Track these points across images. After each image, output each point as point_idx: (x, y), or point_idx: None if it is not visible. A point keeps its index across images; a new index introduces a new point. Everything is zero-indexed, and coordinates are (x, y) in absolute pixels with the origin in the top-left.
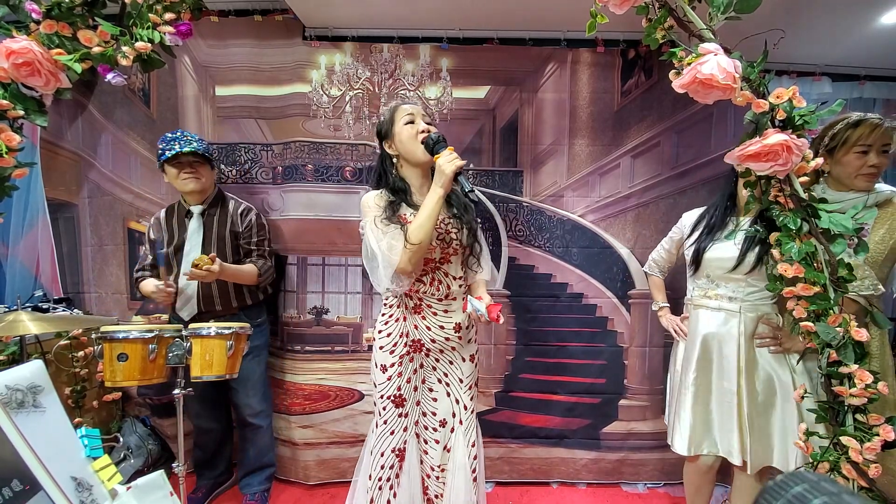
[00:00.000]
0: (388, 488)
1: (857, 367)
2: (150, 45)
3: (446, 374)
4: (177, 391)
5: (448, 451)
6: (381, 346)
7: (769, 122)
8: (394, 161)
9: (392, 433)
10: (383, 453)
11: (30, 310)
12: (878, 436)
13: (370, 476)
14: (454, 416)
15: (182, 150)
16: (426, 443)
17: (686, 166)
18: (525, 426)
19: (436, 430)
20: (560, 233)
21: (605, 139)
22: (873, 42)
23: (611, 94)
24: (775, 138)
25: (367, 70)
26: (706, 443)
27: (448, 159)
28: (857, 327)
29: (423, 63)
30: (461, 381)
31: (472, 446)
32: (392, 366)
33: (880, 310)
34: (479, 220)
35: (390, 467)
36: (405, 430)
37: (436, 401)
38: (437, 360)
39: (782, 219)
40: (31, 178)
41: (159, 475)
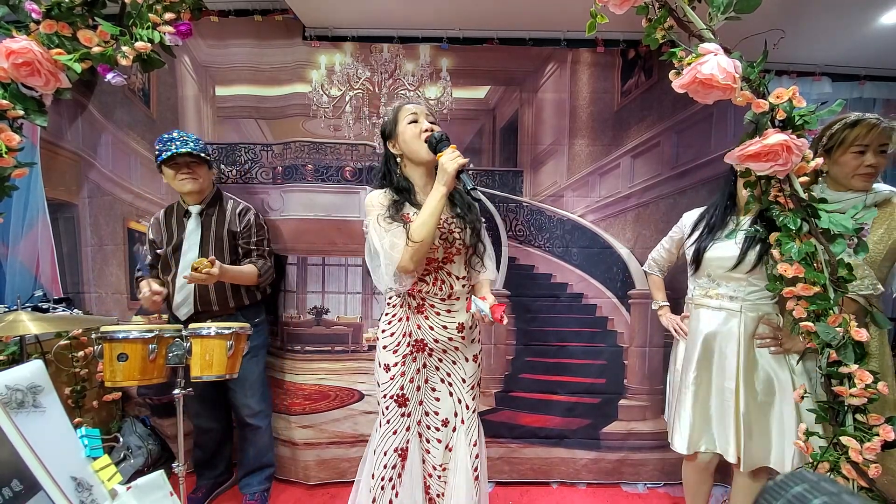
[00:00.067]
0: (391, 487)
1: (857, 367)
2: (149, 45)
3: (449, 374)
4: (177, 391)
5: (450, 451)
6: (385, 346)
7: (769, 122)
8: (398, 160)
9: (394, 432)
10: (386, 452)
11: (30, 310)
12: (877, 436)
13: (373, 475)
14: (456, 415)
15: (178, 150)
16: (428, 442)
17: (686, 166)
18: (525, 426)
19: (438, 429)
20: (560, 233)
21: (605, 139)
22: (873, 42)
23: (611, 94)
24: (775, 138)
25: (367, 70)
26: (704, 440)
27: (450, 157)
28: (857, 327)
29: (423, 63)
30: (464, 381)
31: (474, 445)
32: (395, 365)
33: (880, 309)
34: (483, 220)
35: (392, 467)
36: (408, 429)
37: (438, 400)
38: (441, 360)
39: (782, 219)
40: (31, 178)
41: (159, 475)
